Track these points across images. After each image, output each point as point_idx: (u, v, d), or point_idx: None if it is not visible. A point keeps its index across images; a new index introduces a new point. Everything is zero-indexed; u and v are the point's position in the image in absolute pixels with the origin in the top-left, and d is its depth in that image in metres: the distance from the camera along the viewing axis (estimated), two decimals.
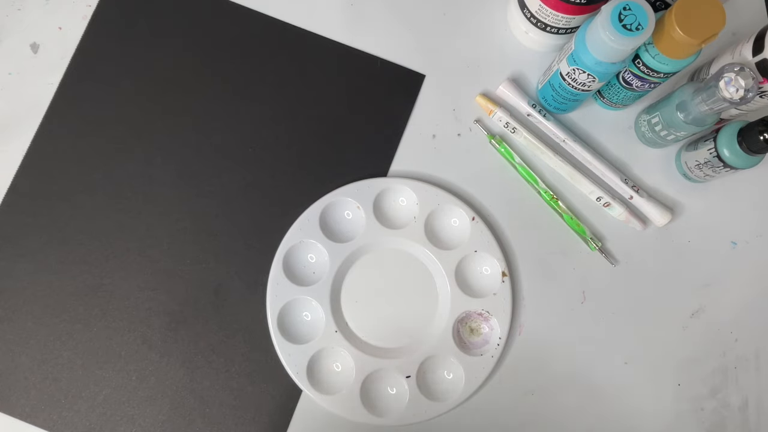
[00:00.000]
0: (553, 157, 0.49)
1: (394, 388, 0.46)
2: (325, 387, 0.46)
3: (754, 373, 0.48)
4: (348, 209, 0.48)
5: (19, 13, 0.50)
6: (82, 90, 0.49)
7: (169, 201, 0.48)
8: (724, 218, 0.50)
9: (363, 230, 0.47)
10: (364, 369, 0.46)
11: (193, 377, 0.46)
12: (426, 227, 0.47)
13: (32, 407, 0.45)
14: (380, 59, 0.50)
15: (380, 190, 0.48)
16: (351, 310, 0.47)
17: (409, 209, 0.48)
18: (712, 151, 0.45)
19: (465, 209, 0.48)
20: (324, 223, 0.47)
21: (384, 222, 0.48)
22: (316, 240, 0.47)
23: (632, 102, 0.49)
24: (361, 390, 0.45)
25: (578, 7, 0.43)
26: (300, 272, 0.47)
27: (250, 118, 0.49)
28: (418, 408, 0.45)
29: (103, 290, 0.47)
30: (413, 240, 0.47)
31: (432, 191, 0.48)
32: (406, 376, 0.46)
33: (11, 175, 0.48)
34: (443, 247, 0.47)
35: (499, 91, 0.50)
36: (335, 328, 0.46)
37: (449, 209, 0.48)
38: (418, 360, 0.46)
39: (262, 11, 0.51)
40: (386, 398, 0.46)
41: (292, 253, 0.47)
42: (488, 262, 0.48)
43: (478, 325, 0.47)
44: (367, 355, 0.46)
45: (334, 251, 0.47)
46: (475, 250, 0.47)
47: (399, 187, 0.48)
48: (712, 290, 0.49)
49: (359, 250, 0.47)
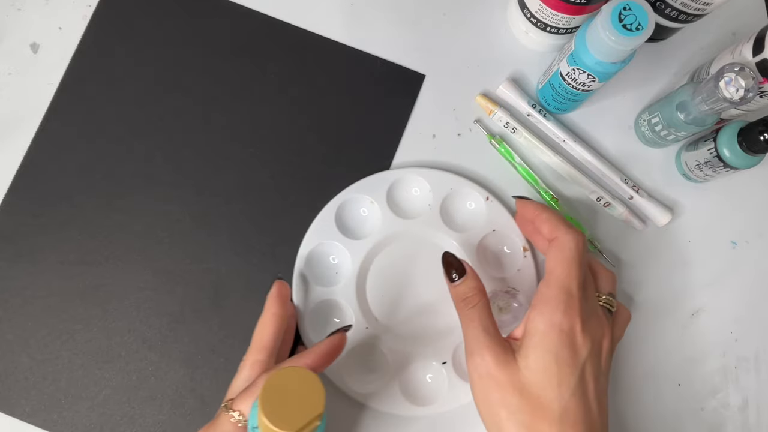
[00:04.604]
0: (553, 157, 0.49)
1: (432, 375, 0.46)
2: (365, 386, 0.45)
3: (754, 373, 0.48)
4: (363, 206, 0.48)
5: (19, 13, 0.50)
6: (82, 90, 0.49)
7: (169, 201, 0.48)
8: (724, 218, 0.50)
9: (380, 224, 0.47)
10: (400, 361, 0.45)
11: (193, 377, 0.46)
12: (442, 213, 0.47)
13: (32, 407, 0.45)
14: (380, 59, 0.51)
15: (392, 181, 0.48)
16: (378, 305, 0.47)
17: (423, 197, 0.48)
18: (712, 151, 0.45)
19: (479, 190, 0.48)
20: (340, 221, 0.47)
21: (399, 213, 0.47)
22: (336, 240, 0.47)
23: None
24: (400, 382, 0.45)
25: (578, 7, 0.43)
26: (323, 274, 0.47)
27: (250, 118, 0.49)
28: (458, 392, 0.45)
29: (103, 290, 0.47)
30: (431, 227, 0.47)
31: (443, 176, 0.48)
32: (443, 362, 0.45)
33: (11, 175, 0.48)
34: (461, 230, 0.47)
35: (499, 91, 0.50)
36: (365, 325, 0.46)
37: (463, 192, 0.48)
38: (452, 345, 0.46)
39: (262, 11, 0.51)
40: (425, 387, 0.46)
41: (313, 256, 0.47)
42: (508, 239, 0.48)
43: (506, 303, 0.46)
44: (401, 347, 0.46)
45: (354, 249, 0.47)
46: (494, 230, 0.47)
47: (410, 177, 0.48)
48: (712, 290, 0.49)
49: (379, 244, 0.47)
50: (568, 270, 0.38)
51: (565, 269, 0.38)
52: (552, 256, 0.39)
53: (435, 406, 0.45)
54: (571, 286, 0.38)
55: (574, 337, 0.37)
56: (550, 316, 0.37)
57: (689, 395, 0.48)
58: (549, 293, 0.38)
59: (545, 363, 0.36)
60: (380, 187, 0.47)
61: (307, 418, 0.30)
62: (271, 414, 0.29)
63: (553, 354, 0.36)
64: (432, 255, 0.46)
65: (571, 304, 0.37)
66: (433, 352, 0.46)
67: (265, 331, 0.41)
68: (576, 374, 0.36)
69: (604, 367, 0.39)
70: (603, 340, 0.39)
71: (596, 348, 0.38)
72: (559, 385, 0.36)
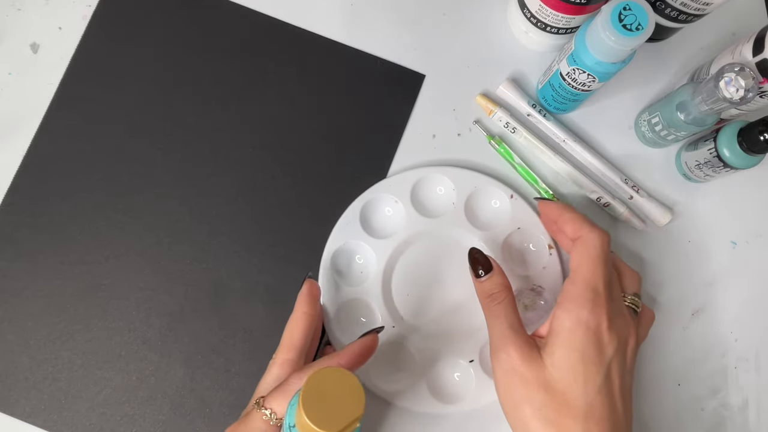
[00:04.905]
0: (553, 157, 0.49)
1: (460, 373, 0.46)
2: (392, 384, 0.45)
3: (754, 373, 0.48)
4: (388, 205, 0.48)
5: (19, 13, 0.50)
6: (82, 90, 0.49)
7: (169, 201, 0.48)
8: (724, 218, 0.50)
9: (404, 223, 0.47)
10: (427, 360, 0.46)
11: (193, 377, 0.46)
12: (466, 211, 0.47)
13: (32, 407, 0.45)
14: (380, 59, 0.50)
15: (416, 180, 0.47)
16: (404, 304, 0.47)
17: (447, 196, 0.48)
18: (712, 151, 0.45)
19: (503, 188, 0.48)
20: (365, 221, 0.47)
21: (424, 212, 0.47)
22: (361, 239, 0.47)
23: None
24: (428, 381, 0.45)
25: (578, 7, 0.43)
26: (349, 274, 0.47)
27: (249, 118, 0.49)
28: (486, 390, 0.45)
29: (103, 290, 0.47)
30: (455, 225, 0.47)
31: (468, 175, 0.48)
32: (470, 360, 0.45)
33: (11, 175, 0.48)
34: (486, 228, 0.47)
35: (499, 91, 0.50)
36: (392, 324, 0.46)
37: (488, 190, 0.48)
38: (479, 343, 0.46)
39: (262, 11, 0.51)
40: (453, 385, 0.46)
41: (340, 255, 0.47)
42: (533, 237, 0.48)
43: (531, 300, 0.46)
44: (428, 346, 0.46)
45: (379, 248, 0.47)
46: (518, 227, 0.47)
47: (434, 175, 0.48)
48: (712, 290, 0.49)
49: (403, 243, 0.47)
50: (594, 268, 0.38)
51: (590, 267, 0.38)
52: (577, 255, 0.39)
53: (463, 404, 0.45)
54: (597, 284, 0.37)
55: (601, 335, 0.37)
56: (576, 313, 0.37)
57: (689, 395, 0.48)
58: (575, 291, 0.38)
59: (571, 360, 0.36)
60: (404, 186, 0.47)
61: (348, 419, 0.30)
62: (312, 414, 0.29)
63: (580, 351, 0.36)
64: (457, 253, 0.46)
65: (598, 302, 0.37)
66: (461, 351, 0.46)
67: (297, 329, 0.41)
68: (602, 372, 0.36)
69: (630, 366, 0.39)
70: (629, 339, 0.39)
71: (622, 346, 0.38)
72: (585, 382, 0.36)
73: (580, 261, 0.39)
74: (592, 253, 0.39)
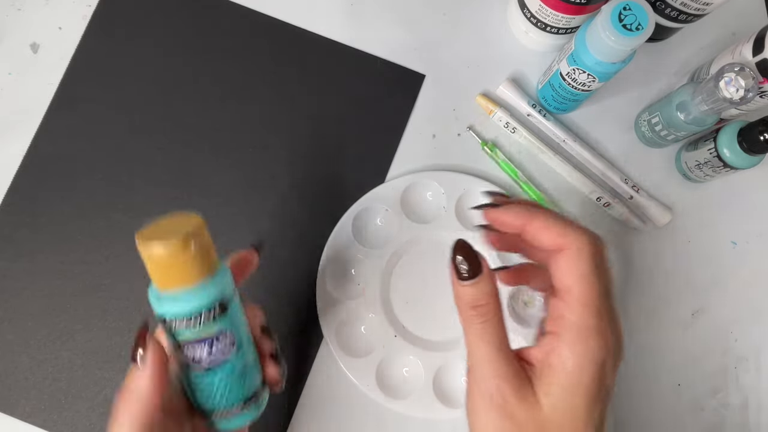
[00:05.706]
0: (553, 157, 0.49)
1: (465, 377, 0.46)
2: (399, 392, 0.45)
3: (754, 373, 0.48)
4: (378, 215, 0.48)
5: (19, 13, 0.50)
6: (82, 90, 0.49)
7: (169, 201, 0.48)
8: (724, 218, 0.50)
9: (397, 231, 0.47)
10: (432, 365, 0.46)
11: None
12: (457, 214, 0.47)
13: (32, 407, 0.45)
14: (380, 59, 0.50)
15: (404, 188, 0.47)
16: (404, 312, 0.47)
17: (437, 200, 0.48)
18: (712, 151, 0.45)
19: (493, 189, 0.48)
20: (357, 233, 0.47)
21: (415, 218, 0.47)
22: (355, 250, 0.47)
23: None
24: (434, 386, 0.45)
25: (578, 7, 0.43)
26: (345, 286, 0.47)
27: (249, 118, 0.49)
28: None
29: (103, 290, 0.47)
30: (447, 229, 0.47)
31: (455, 177, 0.48)
32: None
33: (11, 175, 0.48)
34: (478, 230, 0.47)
35: (499, 91, 0.50)
36: (394, 333, 0.46)
37: (476, 192, 0.48)
38: None
39: (262, 11, 0.51)
40: (459, 389, 0.46)
41: (335, 269, 0.47)
42: None
43: (530, 297, 0.46)
44: (431, 352, 0.46)
45: (374, 258, 0.47)
46: None
47: (422, 181, 0.48)
48: (712, 290, 0.49)
49: (398, 251, 0.47)
50: (591, 287, 0.31)
51: (587, 287, 0.31)
52: (565, 271, 0.31)
53: None
54: (599, 307, 0.31)
55: (605, 369, 0.31)
56: (582, 348, 0.31)
57: (689, 395, 0.48)
58: (575, 320, 0.31)
59: (574, 402, 0.31)
60: (393, 194, 0.47)
61: (184, 230, 0.30)
62: (146, 234, 0.30)
63: (583, 390, 0.31)
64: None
65: (602, 330, 0.31)
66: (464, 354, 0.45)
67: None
68: (599, 408, 0.31)
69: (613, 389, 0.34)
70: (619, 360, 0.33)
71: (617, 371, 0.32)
72: (585, 426, 0.31)
73: (572, 279, 0.31)
74: (584, 269, 0.31)
